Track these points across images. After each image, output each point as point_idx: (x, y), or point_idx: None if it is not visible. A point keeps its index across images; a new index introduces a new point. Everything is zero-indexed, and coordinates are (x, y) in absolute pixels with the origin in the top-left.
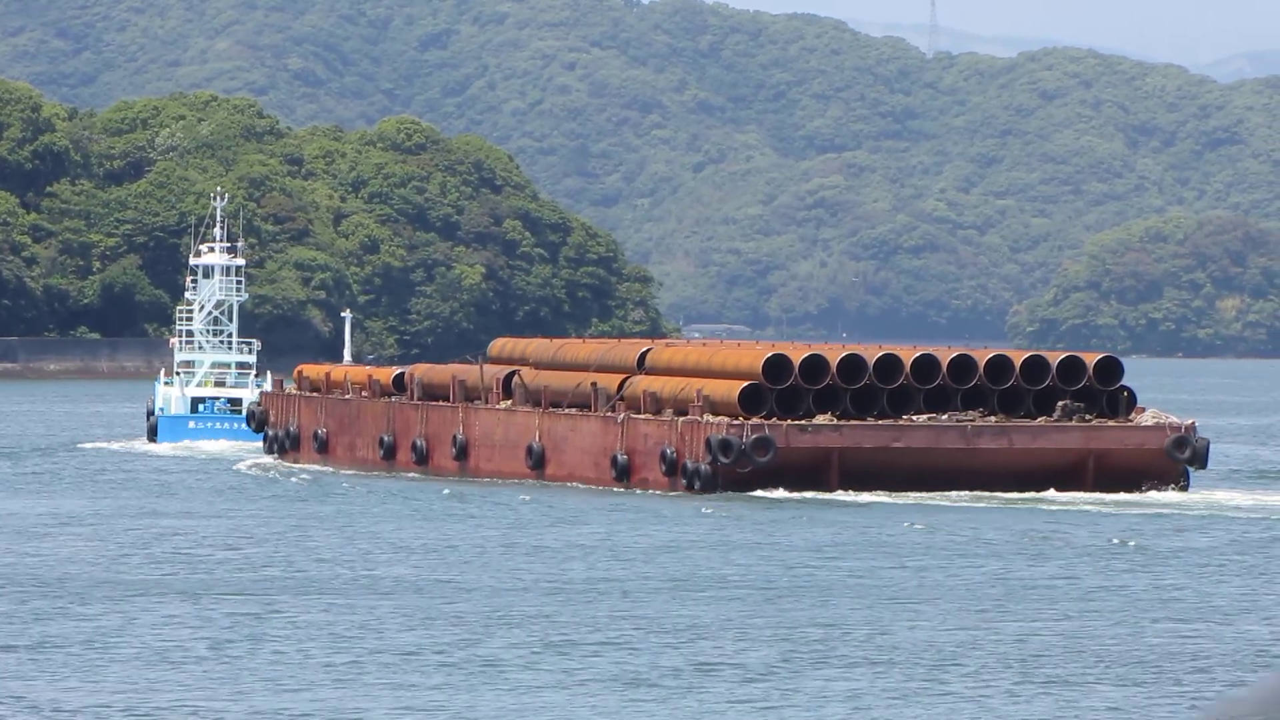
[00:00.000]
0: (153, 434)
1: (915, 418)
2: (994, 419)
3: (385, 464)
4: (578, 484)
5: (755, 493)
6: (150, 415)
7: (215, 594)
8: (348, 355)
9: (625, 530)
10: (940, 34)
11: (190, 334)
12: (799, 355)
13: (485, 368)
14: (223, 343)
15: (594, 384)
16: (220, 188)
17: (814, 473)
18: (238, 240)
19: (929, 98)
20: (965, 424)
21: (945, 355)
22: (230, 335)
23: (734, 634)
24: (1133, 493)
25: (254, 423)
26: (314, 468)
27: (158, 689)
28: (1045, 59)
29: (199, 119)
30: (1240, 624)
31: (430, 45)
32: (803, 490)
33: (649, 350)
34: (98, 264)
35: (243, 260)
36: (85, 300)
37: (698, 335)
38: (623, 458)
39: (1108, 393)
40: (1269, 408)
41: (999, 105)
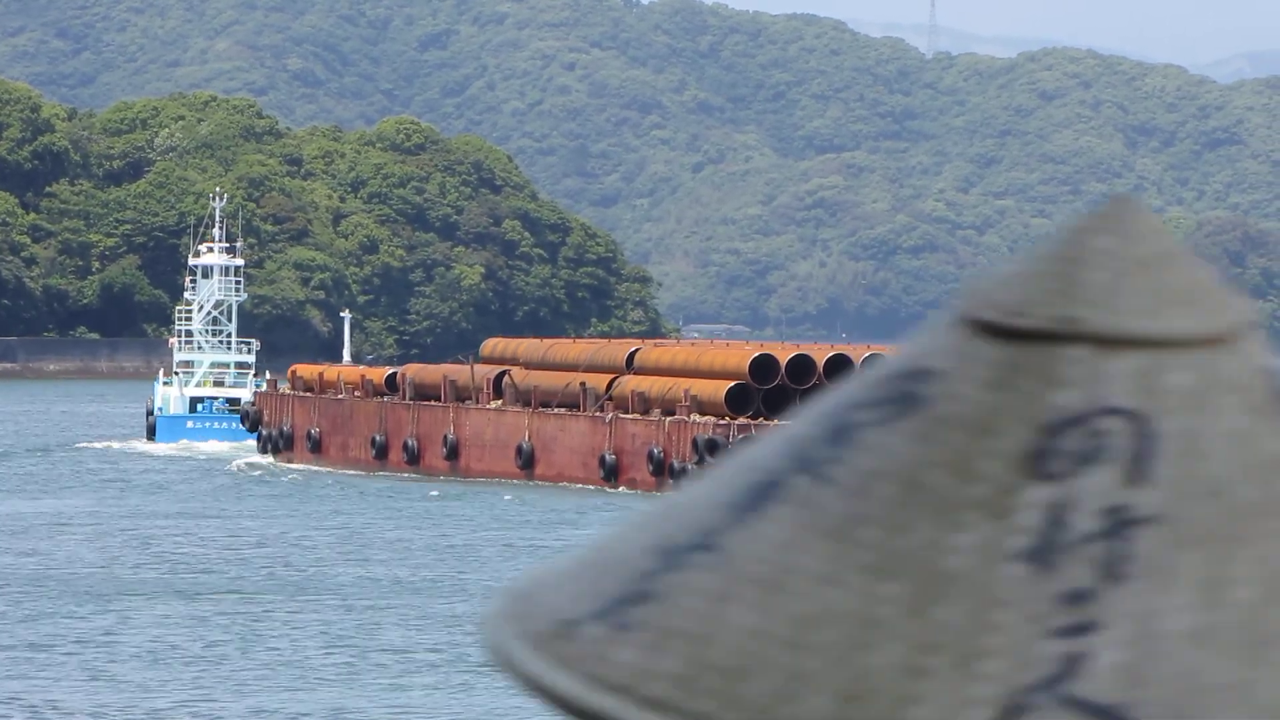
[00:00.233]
0: (151, 434)
1: None
2: None
3: (378, 464)
4: (567, 484)
5: None
6: (150, 415)
7: (179, 594)
8: (347, 355)
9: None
10: (940, 34)
11: (189, 334)
12: (785, 355)
13: (476, 368)
14: (222, 343)
15: (583, 384)
16: (219, 188)
17: None
18: (237, 240)
19: (928, 98)
20: None
21: None
22: (229, 335)
23: None
24: None
25: (248, 422)
26: (307, 467)
27: (148, 690)
28: (1045, 59)
29: (198, 119)
30: None
31: (430, 45)
32: None
33: (637, 350)
34: (97, 264)
35: (242, 260)
36: (84, 300)
37: (697, 335)
38: (611, 457)
39: None
40: None
41: (998, 105)
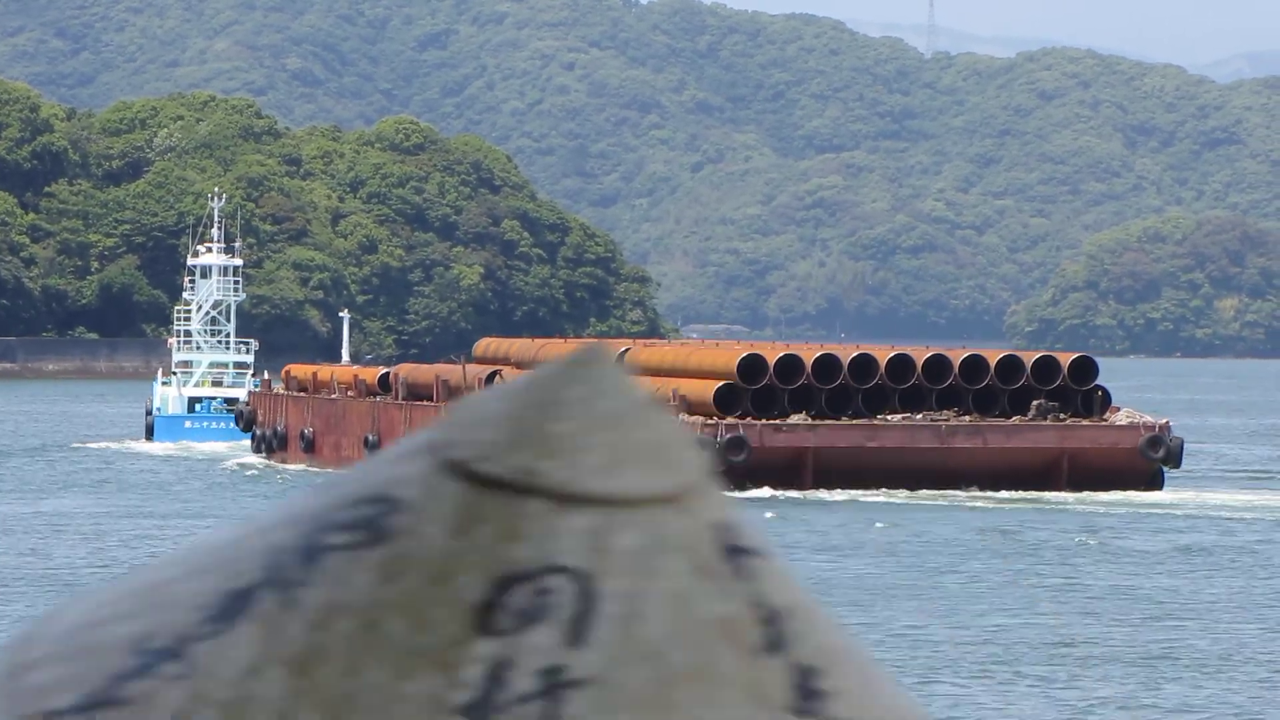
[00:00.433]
0: (149, 434)
1: (890, 417)
2: (968, 418)
3: None
4: None
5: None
6: (148, 415)
7: None
8: (346, 355)
9: None
10: (939, 34)
11: (188, 334)
12: (774, 355)
13: (469, 367)
14: (220, 343)
15: None
16: (218, 188)
17: (788, 472)
18: (235, 240)
19: (927, 98)
20: (939, 423)
21: (920, 355)
22: (228, 335)
23: None
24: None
25: (242, 422)
26: (300, 468)
27: None
28: (1044, 59)
29: (197, 119)
30: (1172, 621)
31: (429, 45)
32: (777, 489)
33: (627, 350)
34: (96, 264)
35: (240, 260)
36: (83, 300)
37: (696, 335)
38: None
39: (1082, 392)
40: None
41: (997, 105)
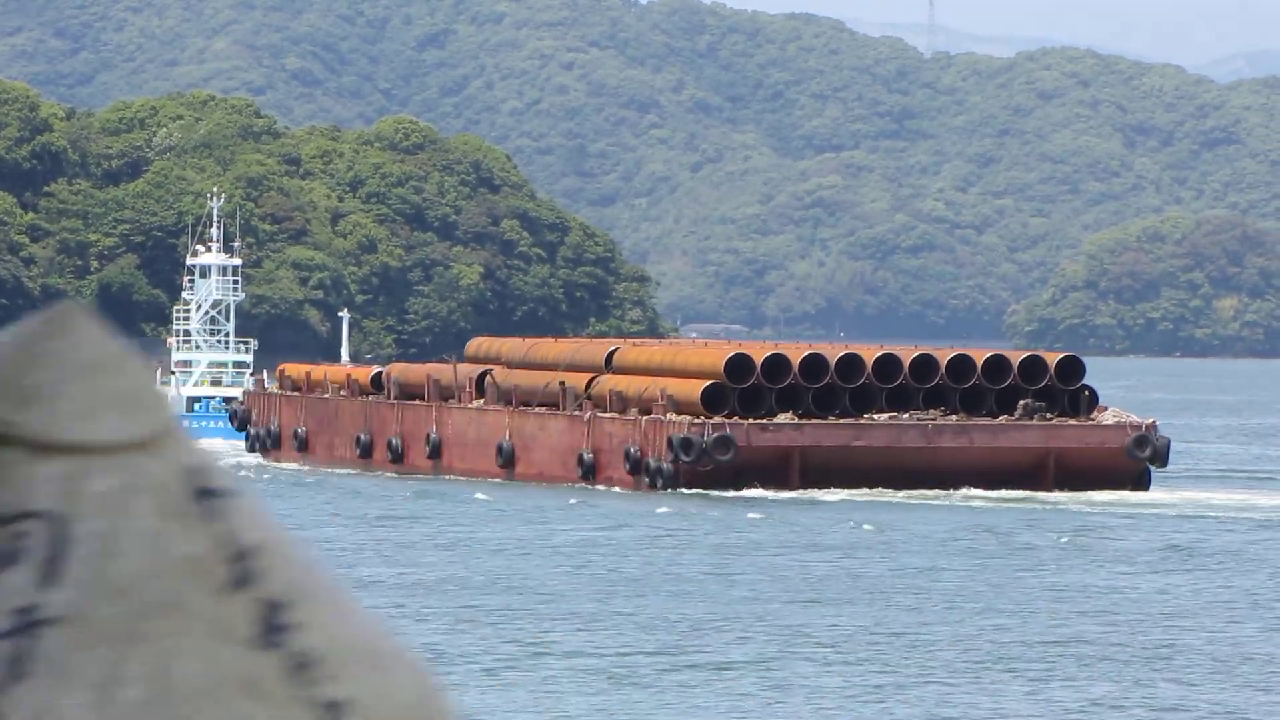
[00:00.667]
0: None
1: (876, 417)
2: (955, 418)
3: (362, 463)
4: (546, 483)
5: (714, 491)
6: None
7: None
8: (345, 355)
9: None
10: (938, 34)
11: (187, 334)
12: (761, 355)
13: (459, 367)
14: (220, 342)
15: (562, 383)
16: (217, 187)
17: (775, 471)
18: (235, 240)
19: (927, 97)
20: (926, 423)
21: (907, 355)
22: (227, 335)
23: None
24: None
25: (236, 421)
26: (293, 466)
27: None
28: (1043, 59)
29: (196, 119)
30: (1158, 621)
31: (428, 45)
32: (764, 488)
33: (616, 350)
34: (95, 264)
35: (239, 260)
36: (83, 300)
37: (695, 335)
38: (589, 456)
39: (1069, 392)
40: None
41: (997, 105)
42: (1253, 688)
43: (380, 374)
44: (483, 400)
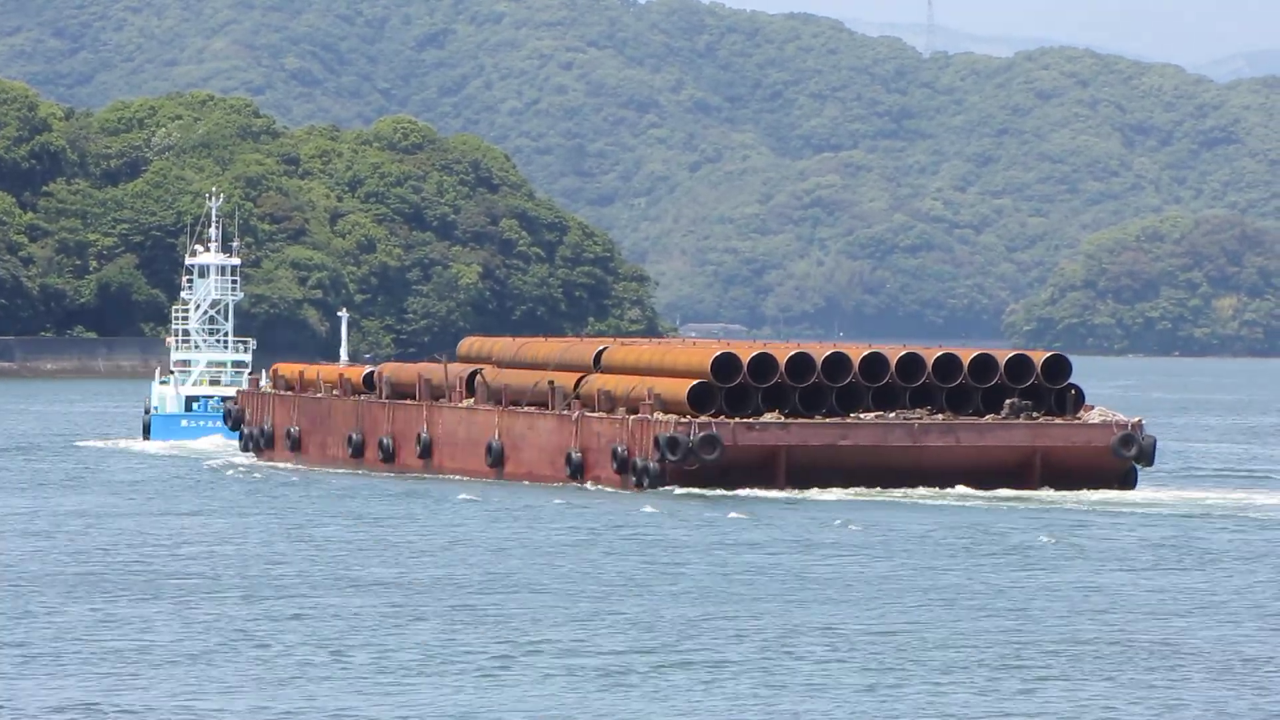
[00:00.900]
0: (146, 432)
1: (863, 416)
2: (941, 417)
3: (354, 462)
4: (534, 482)
5: (698, 489)
6: (146, 414)
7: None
8: (344, 355)
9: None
10: (937, 33)
11: (186, 333)
12: (748, 354)
13: (450, 366)
14: (219, 342)
15: (551, 382)
16: (216, 187)
17: (761, 470)
18: (233, 240)
19: (926, 97)
20: (912, 422)
21: (893, 354)
22: (226, 334)
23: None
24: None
25: (230, 421)
26: (286, 465)
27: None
28: (1042, 58)
29: (195, 118)
30: (1137, 620)
31: (427, 45)
32: (750, 488)
33: (605, 349)
34: (94, 263)
35: (238, 260)
36: (82, 300)
37: (694, 335)
38: (577, 455)
39: (1055, 391)
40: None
41: (996, 105)
42: (1247, 687)
43: (372, 374)
44: (473, 400)
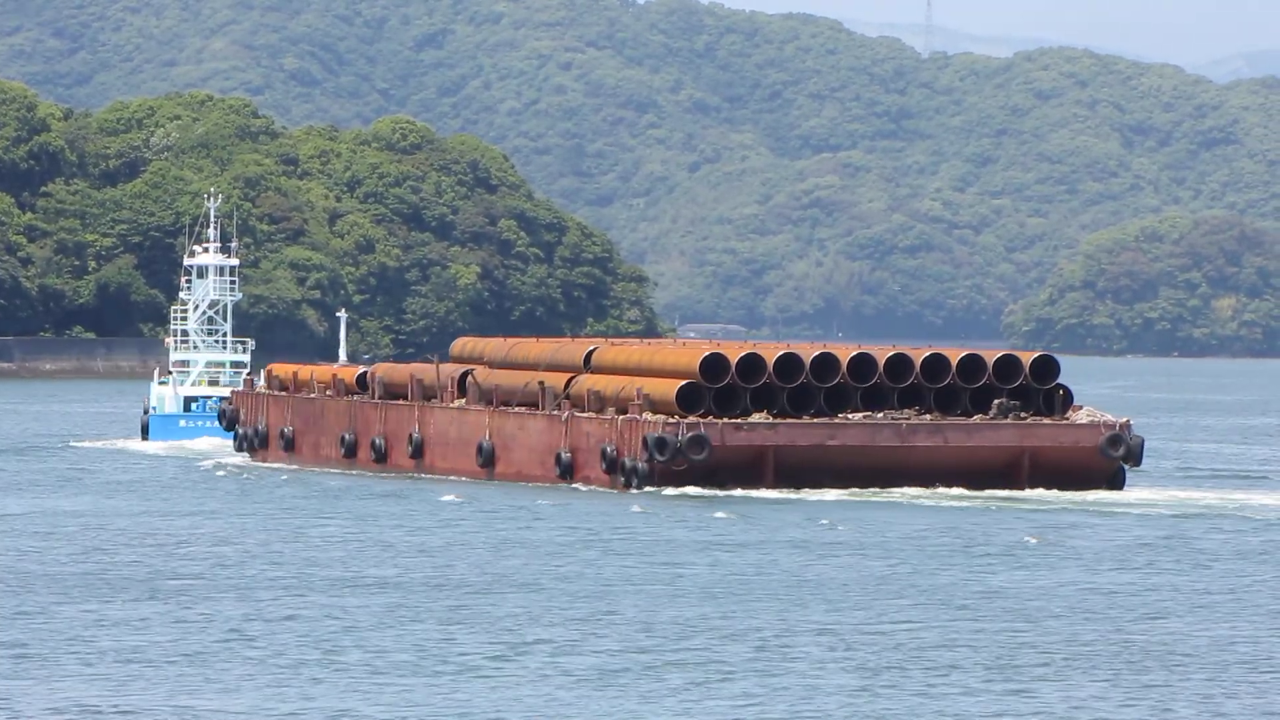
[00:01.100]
0: (145, 432)
1: (851, 416)
2: (929, 417)
3: (347, 462)
4: (525, 482)
5: (689, 489)
6: (145, 414)
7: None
8: (343, 355)
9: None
10: (936, 34)
11: (185, 334)
12: (736, 354)
13: (442, 367)
14: (217, 342)
15: (541, 383)
16: (215, 188)
17: (749, 470)
18: (232, 240)
19: (925, 97)
20: (900, 422)
21: (881, 354)
22: (225, 335)
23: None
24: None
25: (224, 421)
26: (280, 466)
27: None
28: (1041, 59)
29: (194, 119)
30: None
31: (426, 45)
32: (739, 488)
33: (595, 350)
34: (93, 264)
35: (237, 260)
36: (80, 300)
37: (693, 335)
38: (566, 455)
39: (1044, 391)
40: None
41: (995, 105)
42: (1242, 685)
43: (365, 374)
44: (464, 400)
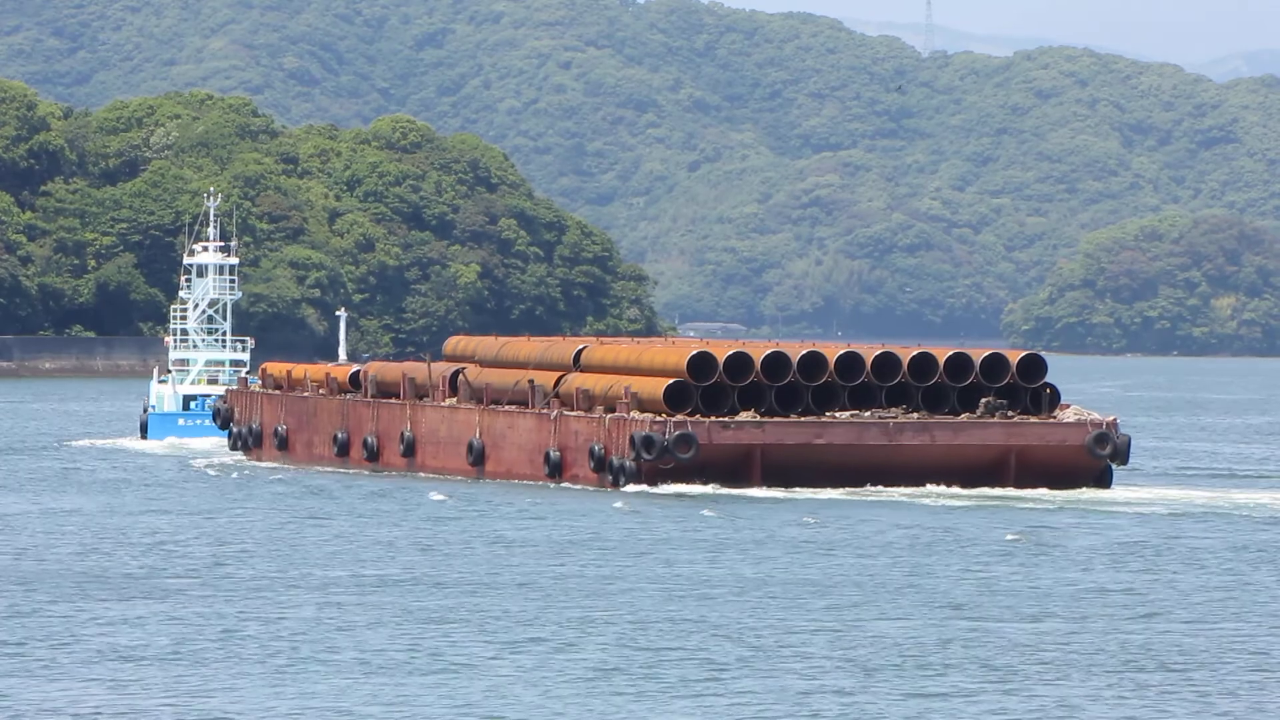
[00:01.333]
0: (144, 431)
1: (838, 414)
2: (917, 416)
3: (339, 461)
4: (514, 480)
5: (676, 487)
6: (144, 412)
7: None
8: (343, 354)
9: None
10: (936, 33)
11: (184, 332)
12: (724, 353)
13: (434, 365)
14: (217, 341)
15: (531, 381)
16: (215, 187)
17: (737, 469)
18: (232, 239)
19: (924, 97)
20: (887, 420)
21: (869, 353)
22: (224, 334)
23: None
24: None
25: (219, 420)
26: (274, 465)
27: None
28: (1041, 58)
29: (194, 118)
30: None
31: (426, 44)
32: (726, 486)
33: (584, 348)
34: (93, 262)
35: (237, 259)
36: (80, 299)
37: (693, 334)
38: (555, 454)
39: (1031, 390)
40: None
41: (994, 104)
42: (1241, 683)
43: (358, 373)
44: (455, 399)
